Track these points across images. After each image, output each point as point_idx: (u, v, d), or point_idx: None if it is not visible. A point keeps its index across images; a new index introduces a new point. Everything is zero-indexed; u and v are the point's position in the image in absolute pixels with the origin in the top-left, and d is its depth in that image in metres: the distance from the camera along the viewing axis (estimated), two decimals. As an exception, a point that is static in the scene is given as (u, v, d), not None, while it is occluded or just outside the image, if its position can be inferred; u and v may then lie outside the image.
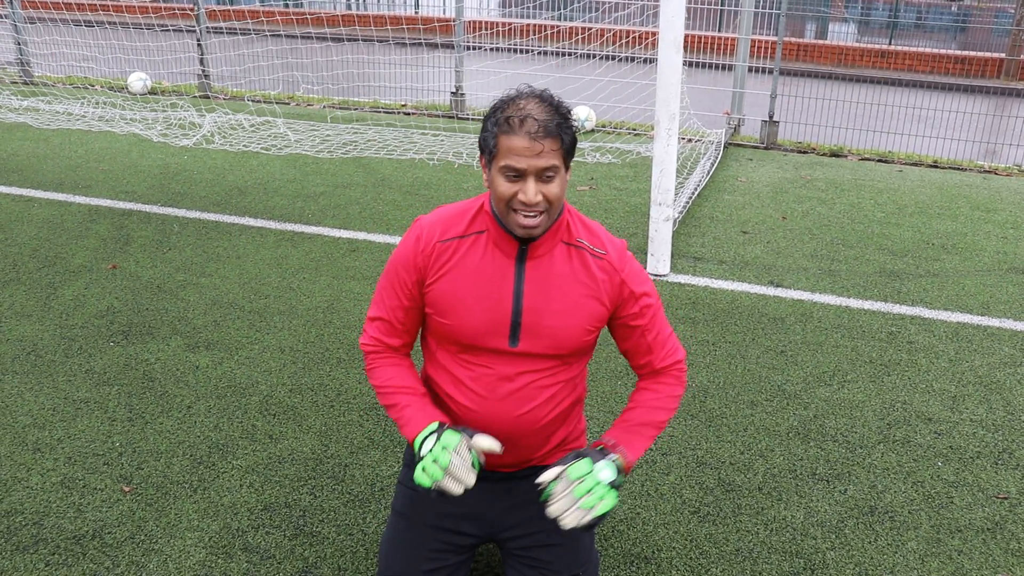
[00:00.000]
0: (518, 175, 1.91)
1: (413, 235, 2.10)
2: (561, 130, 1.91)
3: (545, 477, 1.98)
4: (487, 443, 1.99)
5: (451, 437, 1.98)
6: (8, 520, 2.80)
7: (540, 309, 2.03)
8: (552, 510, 1.94)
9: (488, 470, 2.21)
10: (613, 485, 1.97)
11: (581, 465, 1.98)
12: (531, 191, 1.90)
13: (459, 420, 2.13)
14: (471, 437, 2.00)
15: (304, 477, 3.06)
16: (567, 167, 1.98)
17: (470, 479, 1.94)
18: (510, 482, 2.24)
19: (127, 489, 2.97)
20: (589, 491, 1.94)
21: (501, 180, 1.93)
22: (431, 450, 1.97)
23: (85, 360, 3.81)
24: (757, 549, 2.78)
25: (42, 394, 3.53)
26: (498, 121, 1.93)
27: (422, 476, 1.96)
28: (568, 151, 1.96)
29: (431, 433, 2.02)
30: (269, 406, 3.50)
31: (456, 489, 1.94)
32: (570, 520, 1.93)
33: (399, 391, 2.13)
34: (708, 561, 2.72)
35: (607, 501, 1.95)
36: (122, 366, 3.77)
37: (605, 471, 1.97)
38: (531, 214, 1.93)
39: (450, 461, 1.94)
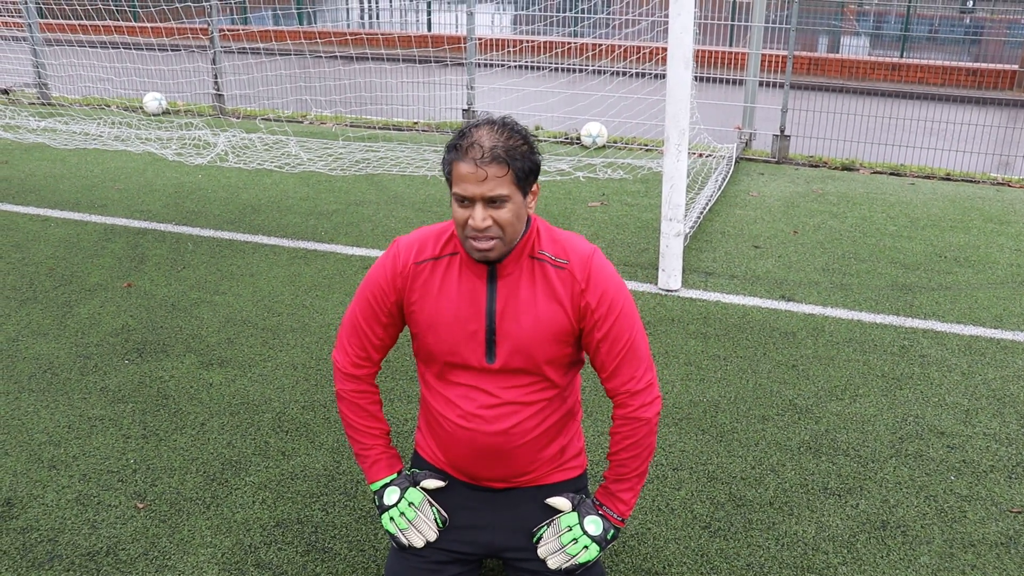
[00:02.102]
0: (468, 201, 1.94)
1: (390, 255, 2.17)
2: (509, 157, 1.92)
3: (552, 503, 2.23)
4: (432, 484, 2.26)
5: (415, 494, 2.23)
6: (24, 537, 2.83)
7: (511, 326, 2.08)
8: (541, 551, 2.19)
9: (489, 487, 2.24)
10: (597, 539, 2.18)
11: (570, 517, 2.20)
12: (478, 216, 1.94)
13: (450, 435, 2.19)
14: (419, 484, 2.25)
15: (316, 493, 3.08)
16: (526, 193, 2.00)
17: (430, 535, 2.20)
18: (509, 501, 2.26)
19: (141, 506, 2.99)
20: (574, 540, 2.17)
21: (455, 206, 1.98)
22: (397, 504, 2.22)
23: (100, 378, 3.85)
24: (768, 564, 2.78)
25: (58, 411, 3.57)
26: (452, 147, 1.96)
27: (389, 524, 2.22)
28: (521, 177, 1.96)
29: (392, 481, 2.27)
30: (282, 423, 3.52)
31: (418, 542, 2.20)
32: (554, 562, 2.17)
33: (368, 430, 2.30)
34: (719, 576, 2.72)
35: (589, 551, 2.17)
36: (136, 383, 3.80)
37: (591, 525, 2.19)
38: (483, 239, 1.97)
39: (415, 516, 2.21)
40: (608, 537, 2.19)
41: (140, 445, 3.35)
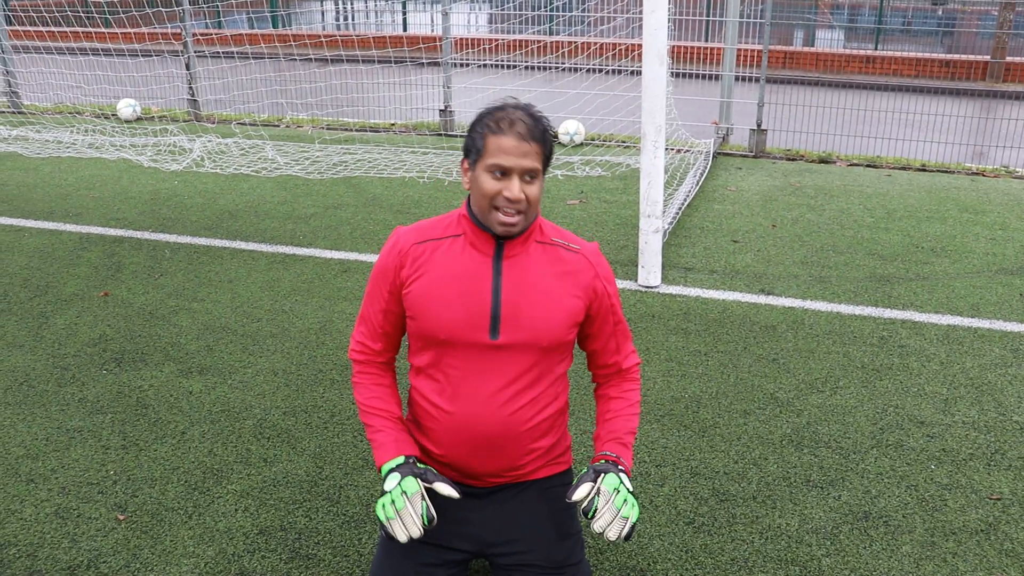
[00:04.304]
0: (504, 173, 2.03)
1: (391, 242, 2.23)
2: (544, 137, 2.07)
3: (580, 494, 2.08)
4: (445, 489, 2.10)
5: (411, 484, 2.09)
6: (2, 553, 2.79)
7: (519, 301, 2.12)
8: (599, 525, 2.05)
9: (477, 485, 2.23)
10: (634, 494, 2.15)
11: (612, 478, 2.10)
12: (516, 188, 2.03)
13: (444, 426, 2.17)
14: (432, 483, 2.11)
15: (299, 500, 3.06)
16: (544, 174, 2.12)
17: (414, 531, 2.05)
18: (499, 496, 2.25)
19: (122, 517, 2.96)
20: (625, 501, 2.08)
21: (487, 178, 2.05)
22: (392, 490, 2.08)
23: (78, 389, 3.81)
24: (752, 558, 2.79)
25: (35, 424, 3.53)
26: (487, 124, 2.06)
27: (380, 512, 2.09)
28: (547, 159, 2.10)
29: (398, 466, 2.12)
30: (263, 429, 3.50)
31: (400, 536, 2.05)
32: (614, 532, 2.05)
33: (376, 412, 2.25)
34: (703, 572, 2.72)
35: (636, 509, 2.10)
36: (115, 394, 3.77)
37: (628, 482, 2.13)
38: (512, 211, 2.05)
39: (403, 507, 2.06)
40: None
41: (120, 456, 3.32)
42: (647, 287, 4.92)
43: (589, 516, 2.06)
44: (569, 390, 2.39)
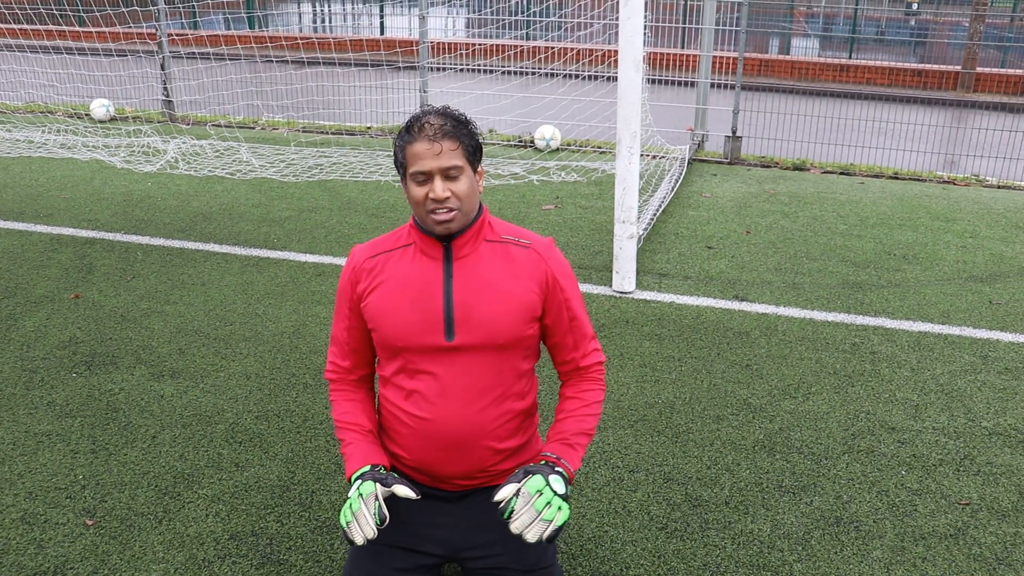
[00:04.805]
0: (426, 177, 2.07)
1: (347, 261, 2.28)
2: (457, 132, 2.09)
3: (502, 495, 2.04)
4: (403, 491, 2.09)
5: (368, 486, 2.09)
6: (-33, 558, 2.75)
7: (471, 302, 2.13)
8: (516, 526, 2.01)
9: (449, 489, 2.23)
10: (564, 497, 2.07)
11: (536, 480, 2.05)
12: (439, 187, 2.06)
13: (411, 430, 2.18)
14: (391, 486, 2.10)
15: (271, 505, 3.04)
16: (474, 169, 2.14)
17: (368, 531, 2.04)
18: (470, 501, 2.25)
19: (90, 523, 2.93)
20: (548, 504, 2.03)
21: (413, 186, 2.09)
22: (351, 495, 2.09)
23: (47, 392, 3.76)
24: (724, 563, 2.80)
25: (2, 428, 3.48)
26: (402, 136, 2.11)
27: (341, 518, 2.10)
28: (470, 153, 2.11)
29: (362, 474, 2.14)
30: (235, 434, 3.47)
31: (356, 538, 2.04)
32: (533, 534, 2.00)
33: (347, 427, 2.28)
34: (676, 577, 2.73)
35: (563, 512, 2.04)
36: (85, 397, 3.72)
37: (558, 484, 2.07)
38: (443, 210, 2.08)
39: (359, 509, 2.06)
40: (568, 493, 2.13)
41: (89, 460, 3.28)
42: (621, 293, 4.93)
43: (505, 517, 2.02)
44: (538, 394, 2.38)
